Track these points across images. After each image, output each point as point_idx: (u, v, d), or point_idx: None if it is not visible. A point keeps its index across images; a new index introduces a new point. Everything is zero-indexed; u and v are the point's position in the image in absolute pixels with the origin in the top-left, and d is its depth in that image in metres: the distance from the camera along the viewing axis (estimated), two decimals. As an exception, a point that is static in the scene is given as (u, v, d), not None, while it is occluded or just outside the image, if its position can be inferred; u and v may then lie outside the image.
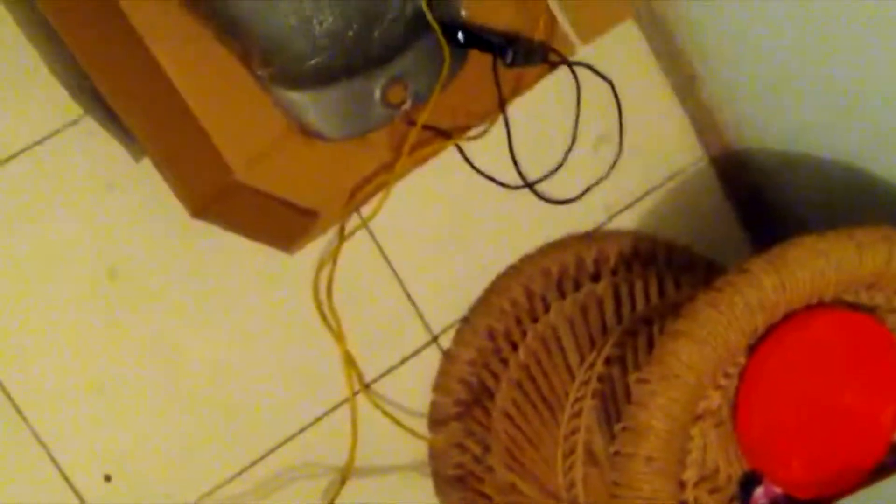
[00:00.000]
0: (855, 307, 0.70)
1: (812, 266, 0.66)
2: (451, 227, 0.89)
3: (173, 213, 0.76)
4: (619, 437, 0.63)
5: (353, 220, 0.85)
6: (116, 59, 0.76)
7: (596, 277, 0.89)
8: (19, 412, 0.80)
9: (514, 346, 0.86)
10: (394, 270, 0.87)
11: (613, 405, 0.72)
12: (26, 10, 0.74)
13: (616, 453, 0.63)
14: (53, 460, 0.80)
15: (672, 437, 0.62)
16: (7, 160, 0.77)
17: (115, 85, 0.75)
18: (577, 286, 0.88)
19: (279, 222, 0.81)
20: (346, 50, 0.76)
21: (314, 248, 0.84)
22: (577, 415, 0.76)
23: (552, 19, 0.85)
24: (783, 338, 0.66)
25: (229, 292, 0.83)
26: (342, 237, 0.83)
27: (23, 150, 0.77)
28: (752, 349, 0.66)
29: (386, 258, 0.87)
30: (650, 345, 0.72)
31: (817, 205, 0.94)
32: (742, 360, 0.66)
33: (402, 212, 0.86)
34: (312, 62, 0.75)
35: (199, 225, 0.76)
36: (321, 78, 0.77)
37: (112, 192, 0.78)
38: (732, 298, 0.64)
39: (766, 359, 0.67)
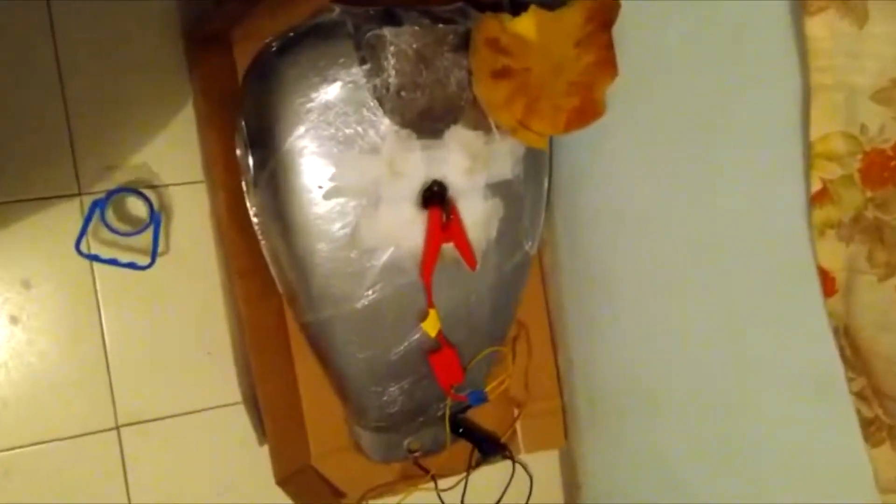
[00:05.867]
0: None
1: None
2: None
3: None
4: None
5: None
6: (275, 382, 1.00)
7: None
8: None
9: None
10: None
11: None
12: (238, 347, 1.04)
13: None
14: None
15: None
16: (185, 414, 1.01)
17: (266, 396, 0.97)
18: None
19: (320, 493, 1.03)
20: (398, 423, 1.02)
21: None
22: None
23: (514, 433, 1.12)
24: None
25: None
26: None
27: (203, 410, 1.02)
28: None
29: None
30: None
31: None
32: None
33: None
34: (378, 423, 1.01)
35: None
36: (379, 429, 1.01)
37: (243, 447, 1.03)
38: None
39: None
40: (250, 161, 0.88)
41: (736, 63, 0.74)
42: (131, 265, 0.96)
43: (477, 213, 0.94)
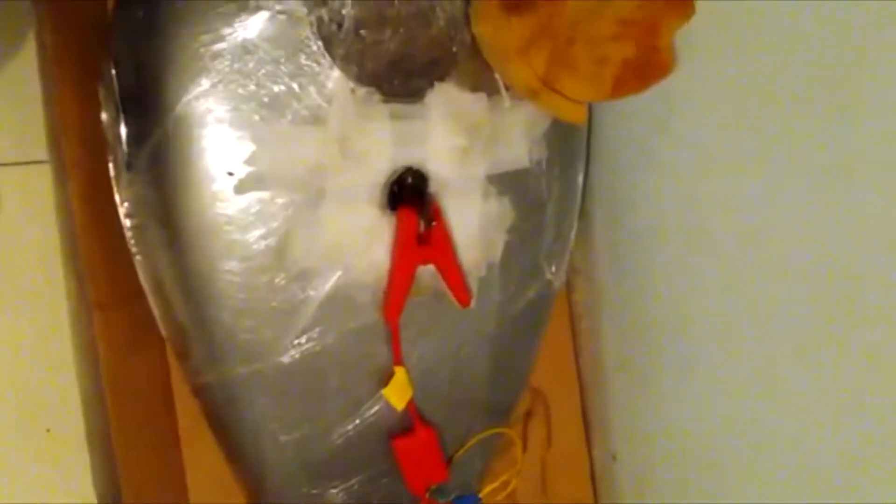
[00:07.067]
0: None
1: None
2: None
3: None
4: None
5: None
6: (150, 476, 1.02)
7: None
8: None
9: None
10: None
11: None
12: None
13: None
14: None
15: None
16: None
17: (135, 497, 0.97)
18: None
19: None
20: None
21: None
22: None
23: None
24: None
25: None
26: None
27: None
28: None
29: None
30: None
31: None
32: None
33: None
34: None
35: None
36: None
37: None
38: None
39: None
40: (123, 131, 0.87)
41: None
42: (-73, 289, 0.88)
43: (473, 220, 0.95)
